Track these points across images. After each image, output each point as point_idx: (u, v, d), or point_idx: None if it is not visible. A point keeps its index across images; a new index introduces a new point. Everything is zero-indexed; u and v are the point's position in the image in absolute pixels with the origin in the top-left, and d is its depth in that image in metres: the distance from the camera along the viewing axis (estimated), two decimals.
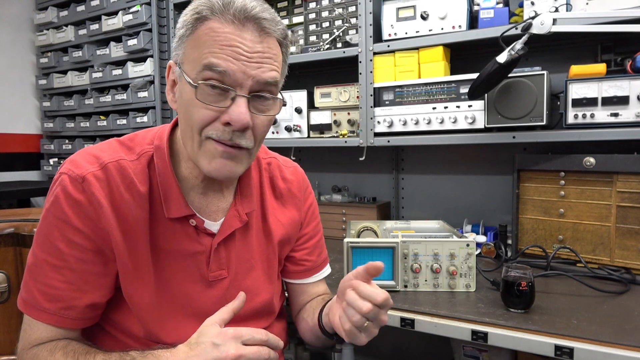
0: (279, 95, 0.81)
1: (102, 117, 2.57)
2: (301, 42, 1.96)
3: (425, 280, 1.25)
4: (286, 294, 1.10)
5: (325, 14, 1.87)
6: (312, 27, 1.90)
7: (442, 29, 1.57)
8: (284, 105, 0.82)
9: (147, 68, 2.33)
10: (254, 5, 0.73)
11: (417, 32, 1.61)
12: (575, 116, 1.35)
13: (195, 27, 0.75)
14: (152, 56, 2.32)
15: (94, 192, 0.76)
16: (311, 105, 1.89)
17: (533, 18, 1.21)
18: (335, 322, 0.81)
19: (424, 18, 1.59)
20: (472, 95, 1.38)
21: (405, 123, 1.62)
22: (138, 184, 0.80)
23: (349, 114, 1.79)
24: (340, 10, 1.81)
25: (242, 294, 0.81)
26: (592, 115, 1.33)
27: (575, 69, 1.37)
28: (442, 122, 1.55)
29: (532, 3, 1.42)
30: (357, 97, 1.74)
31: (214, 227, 0.87)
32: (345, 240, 1.23)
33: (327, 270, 1.09)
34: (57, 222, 0.76)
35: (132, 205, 0.79)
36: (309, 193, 1.06)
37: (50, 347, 0.76)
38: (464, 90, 1.50)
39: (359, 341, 0.78)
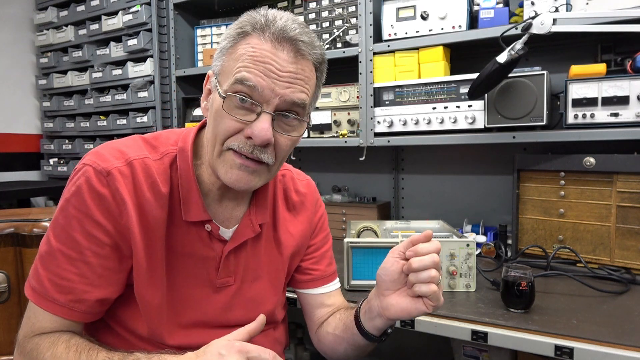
0: (307, 118, 0.82)
1: (102, 117, 2.57)
2: None
3: None
4: (287, 305, 1.09)
5: (325, 14, 1.87)
6: (312, 27, 1.90)
7: (442, 29, 1.57)
8: (309, 127, 0.84)
9: (147, 68, 2.33)
10: (295, 27, 0.75)
11: (417, 32, 1.61)
12: (575, 116, 1.35)
13: (236, 42, 0.77)
14: (152, 56, 2.32)
15: (118, 187, 0.76)
16: None
17: (533, 18, 1.21)
18: (403, 308, 0.80)
19: (424, 18, 1.59)
20: (472, 95, 1.38)
21: (405, 123, 1.62)
22: (160, 184, 0.81)
23: (349, 114, 1.79)
24: (340, 10, 1.81)
25: (261, 317, 0.78)
26: (592, 115, 1.33)
27: (575, 69, 1.37)
28: (442, 122, 1.55)
29: (532, 3, 1.42)
30: (357, 97, 1.74)
31: (226, 234, 0.87)
32: (345, 240, 1.23)
33: (338, 282, 1.08)
34: (78, 213, 0.76)
35: (153, 205, 0.79)
36: (320, 206, 1.06)
37: (53, 339, 0.76)
38: (464, 90, 1.50)
39: (441, 301, 0.79)
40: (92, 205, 0.76)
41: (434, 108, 1.57)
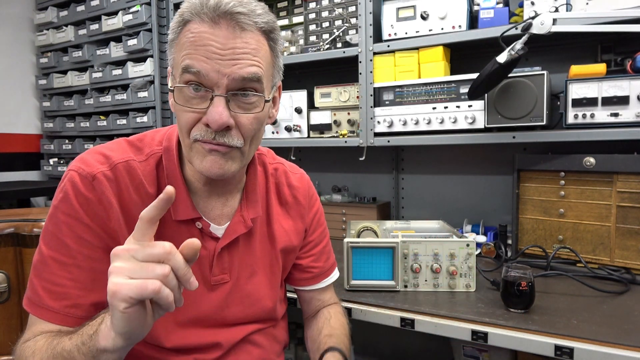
0: (268, 91, 0.78)
1: (102, 117, 2.57)
2: (301, 42, 1.96)
3: (425, 280, 1.25)
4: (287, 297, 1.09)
5: (325, 14, 1.87)
6: (312, 27, 1.90)
7: (442, 29, 1.57)
8: (267, 101, 0.79)
9: (147, 68, 2.33)
10: (229, 0, 0.71)
11: (417, 32, 1.61)
12: (575, 116, 1.35)
13: (179, 31, 0.75)
14: (152, 56, 2.32)
15: (104, 191, 0.77)
16: (311, 105, 1.89)
17: (533, 18, 1.21)
18: None
19: (424, 18, 1.59)
20: (472, 95, 1.38)
21: (405, 123, 1.62)
22: (147, 185, 0.81)
23: (349, 114, 1.79)
24: (340, 10, 1.81)
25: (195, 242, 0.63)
26: (592, 115, 1.33)
27: (575, 69, 1.37)
28: (442, 122, 1.55)
29: (532, 3, 1.42)
30: (357, 97, 1.74)
31: (218, 231, 0.87)
32: (345, 240, 1.23)
33: (335, 274, 1.08)
34: (67, 218, 0.76)
35: (140, 206, 0.79)
36: (315, 200, 1.05)
37: (38, 338, 0.75)
38: (464, 90, 1.50)
39: None
40: (80, 209, 0.76)
41: (434, 108, 1.57)
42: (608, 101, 1.30)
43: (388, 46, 1.65)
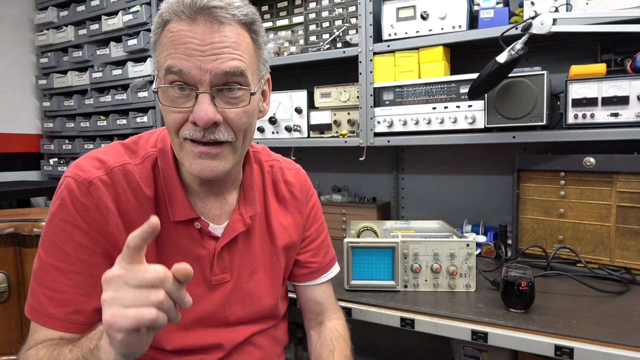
0: (254, 84, 0.77)
1: (102, 117, 2.57)
2: (301, 42, 1.96)
3: (425, 280, 1.25)
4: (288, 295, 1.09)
5: (325, 14, 1.87)
6: (312, 27, 1.90)
7: (442, 29, 1.57)
8: (253, 94, 0.77)
9: (147, 68, 2.33)
10: None
11: (417, 32, 1.61)
12: (575, 116, 1.35)
13: (160, 33, 0.75)
14: (152, 56, 2.32)
15: (101, 196, 0.77)
16: (311, 105, 1.89)
17: (533, 18, 1.21)
18: None
19: (424, 18, 1.59)
20: (472, 95, 1.38)
21: (405, 123, 1.62)
22: (144, 187, 0.81)
23: (349, 114, 1.79)
24: (340, 10, 1.81)
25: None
26: (592, 115, 1.33)
27: (575, 69, 1.37)
28: (442, 122, 1.55)
29: (532, 3, 1.42)
30: (357, 97, 1.74)
31: (217, 230, 0.87)
32: (345, 240, 1.23)
33: (335, 269, 1.08)
34: (65, 225, 0.76)
35: (138, 210, 0.79)
36: (311, 195, 1.05)
37: (40, 346, 0.75)
38: (464, 90, 1.50)
39: None
40: (78, 216, 0.76)
41: (434, 108, 1.57)
42: (608, 101, 1.30)
43: (388, 46, 1.65)
